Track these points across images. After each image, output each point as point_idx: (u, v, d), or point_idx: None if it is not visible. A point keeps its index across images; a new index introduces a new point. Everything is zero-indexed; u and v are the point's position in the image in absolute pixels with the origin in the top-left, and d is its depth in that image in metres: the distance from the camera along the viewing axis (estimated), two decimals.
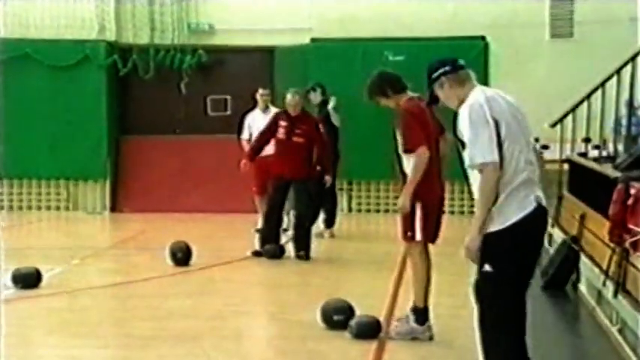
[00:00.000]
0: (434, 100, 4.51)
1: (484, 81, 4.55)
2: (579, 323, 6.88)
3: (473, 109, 4.13)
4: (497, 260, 4.07)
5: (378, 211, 13.29)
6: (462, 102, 4.27)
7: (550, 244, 9.08)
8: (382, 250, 9.43)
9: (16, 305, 7.21)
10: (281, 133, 9.28)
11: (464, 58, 4.53)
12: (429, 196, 5.89)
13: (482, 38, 12.86)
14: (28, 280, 7.68)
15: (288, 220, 10.33)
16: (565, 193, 9.44)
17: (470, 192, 4.32)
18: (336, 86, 11.38)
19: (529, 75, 12.87)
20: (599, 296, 6.50)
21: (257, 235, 9.76)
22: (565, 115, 10.07)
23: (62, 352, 5.91)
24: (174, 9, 13.98)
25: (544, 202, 4.17)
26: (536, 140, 12.23)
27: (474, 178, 4.20)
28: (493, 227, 4.09)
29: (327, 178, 9.89)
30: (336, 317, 6.18)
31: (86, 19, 13.81)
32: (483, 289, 4.17)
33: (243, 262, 9.22)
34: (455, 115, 4.28)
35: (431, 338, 5.91)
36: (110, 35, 13.93)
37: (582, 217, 7.62)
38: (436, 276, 6.08)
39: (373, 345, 5.82)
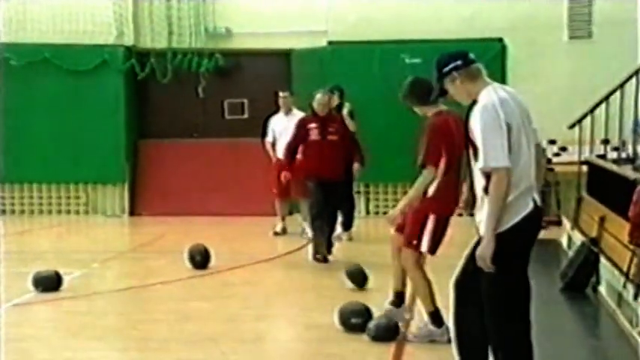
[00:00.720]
0: (442, 93, 4.51)
1: (502, 83, 4.53)
2: (599, 326, 6.83)
3: (487, 111, 4.12)
4: (499, 261, 4.09)
5: None
6: (471, 98, 4.26)
7: (569, 246, 9.04)
8: None
9: (37, 308, 7.29)
10: (314, 134, 9.13)
11: (481, 60, 4.51)
12: (444, 211, 5.91)
13: (500, 40, 12.82)
14: (49, 283, 7.73)
15: (304, 225, 10.38)
16: (584, 195, 9.38)
17: (473, 194, 4.34)
18: (353, 88, 11.38)
19: (547, 76, 12.80)
20: (620, 298, 6.46)
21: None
22: (584, 117, 10.00)
23: (82, 355, 5.94)
24: (191, 13, 14.02)
25: (539, 203, 4.21)
26: (553, 142, 12.22)
27: (478, 179, 4.21)
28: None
29: (356, 166, 10.06)
30: (353, 320, 6.18)
31: (104, 24, 13.88)
32: (488, 290, 4.19)
33: (261, 265, 9.24)
34: (467, 115, 4.27)
35: (449, 341, 5.87)
36: (128, 40, 13.99)
37: (602, 219, 7.57)
38: (445, 279, 6.05)
39: (391, 348, 5.82)
